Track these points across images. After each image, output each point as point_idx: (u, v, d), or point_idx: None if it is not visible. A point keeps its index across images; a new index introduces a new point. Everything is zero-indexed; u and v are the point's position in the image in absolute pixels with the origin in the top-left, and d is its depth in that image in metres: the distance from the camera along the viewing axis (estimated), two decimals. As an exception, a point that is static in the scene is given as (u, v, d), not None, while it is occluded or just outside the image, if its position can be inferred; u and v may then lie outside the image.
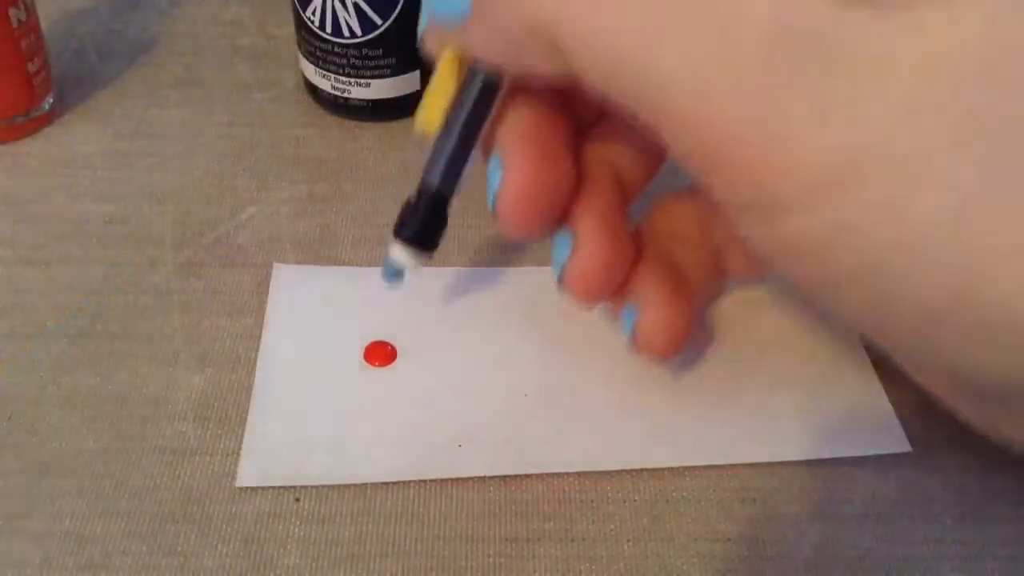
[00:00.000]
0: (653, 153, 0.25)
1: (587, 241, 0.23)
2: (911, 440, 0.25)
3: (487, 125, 0.23)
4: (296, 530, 0.23)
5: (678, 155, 0.19)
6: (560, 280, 0.24)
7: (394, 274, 0.25)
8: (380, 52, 0.34)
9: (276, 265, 0.30)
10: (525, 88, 0.23)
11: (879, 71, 0.16)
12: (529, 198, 0.22)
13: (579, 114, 0.25)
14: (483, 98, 0.22)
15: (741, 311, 0.29)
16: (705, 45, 0.17)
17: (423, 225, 0.24)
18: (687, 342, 0.25)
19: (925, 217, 0.16)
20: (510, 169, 0.22)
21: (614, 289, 0.24)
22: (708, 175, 0.18)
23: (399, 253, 0.24)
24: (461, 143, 0.23)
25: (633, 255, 0.24)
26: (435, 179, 0.23)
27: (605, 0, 0.18)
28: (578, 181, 0.24)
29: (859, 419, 0.26)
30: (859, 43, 0.16)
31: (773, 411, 0.26)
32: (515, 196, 0.22)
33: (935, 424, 0.25)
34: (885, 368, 0.27)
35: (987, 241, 0.16)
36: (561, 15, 0.18)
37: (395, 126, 0.36)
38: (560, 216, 0.24)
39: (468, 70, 0.23)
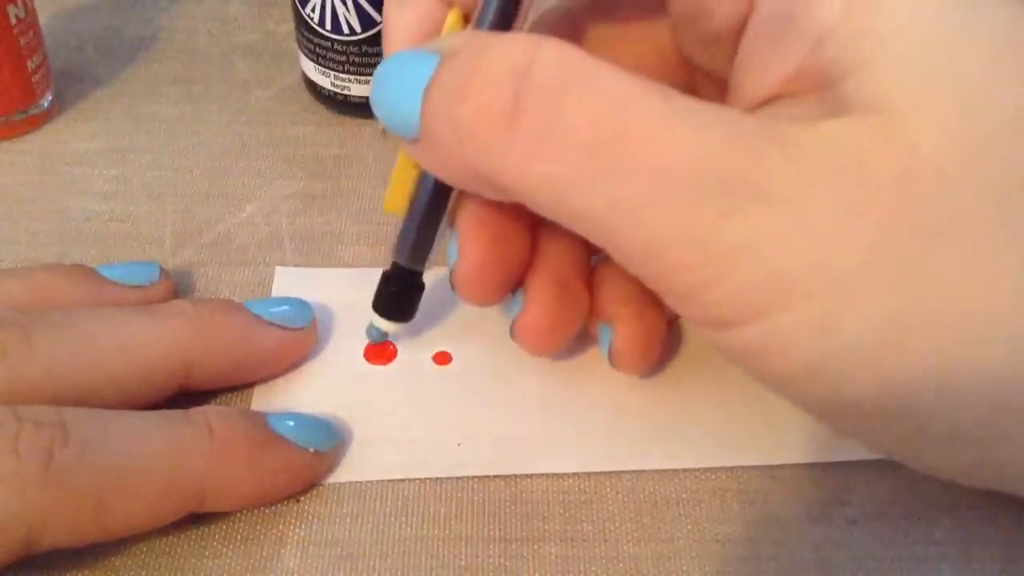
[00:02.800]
0: None
1: (534, 301, 0.25)
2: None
3: (451, 203, 0.24)
4: (296, 530, 0.23)
5: (630, 271, 0.20)
6: (511, 334, 0.26)
7: (378, 336, 0.27)
8: (380, 49, 0.34)
9: (278, 269, 0.30)
10: None
11: (794, 206, 0.18)
12: (481, 277, 0.24)
13: None
14: (442, 188, 0.24)
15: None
16: (638, 191, 0.18)
17: (397, 299, 0.26)
18: (659, 354, 0.26)
19: (849, 332, 0.18)
20: (464, 254, 0.24)
21: (561, 341, 0.26)
22: (658, 293, 0.20)
23: (379, 323, 0.26)
24: (426, 224, 0.24)
25: (584, 308, 0.26)
26: (403, 258, 0.25)
27: (541, 152, 0.19)
28: (535, 247, 0.25)
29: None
30: (776, 182, 0.18)
31: (773, 414, 0.26)
32: (468, 276, 0.24)
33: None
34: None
35: (908, 355, 0.18)
36: (502, 165, 0.20)
37: (395, 124, 0.36)
38: (516, 282, 0.25)
39: None
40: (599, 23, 0.26)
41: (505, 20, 0.22)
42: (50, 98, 0.35)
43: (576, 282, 0.25)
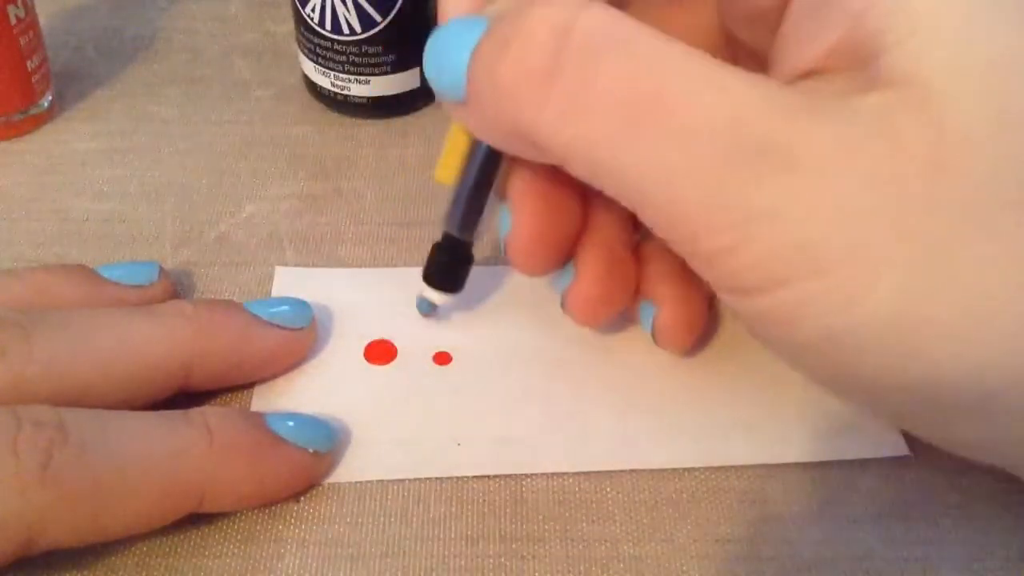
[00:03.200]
0: None
1: (586, 273, 0.25)
2: (912, 440, 0.25)
3: (499, 176, 0.25)
4: (296, 530, 0.23)
5: (657, 233, 0.21)
6: (562, 305, 0.26)
7: (427, 308, 0.28)
8: (380, 49, 0.34)
9: (278, 269, 0.30)
10: None
11: (824, 175, 0.18)
12: (534, 245, 0.25)
13: None
14: (491, 156, 0.24)
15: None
16: (670, 152, 0.19)
17: (446, 270, 0.27)
18: (702, 333, 0.27)
19: (871, 305, 0.18)
20: (517, 220, 0.24)
21: (612, 312, 0.26)
22: (684, 256, 0.20)
23: (429, 294, 0.27)
24: (475, 195, 0.25)
25: (634, 282, 0.26)
26: (454, 229, 0.26)
27: (577, 112, 0.19)
28: (586, 218, 0.25)
29: (858, 423, 0.26)
30: (806, 150, 0.18)
31: (773, 414, 0.26)
32: (522, 244, 0.25)
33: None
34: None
35: (928, 329, 0.18)
36: (538, 122, 0.20)
37: (395, 123, 0.36)
38: (568, 253, 0.26)
39: None
40: None
41: None
42: (50, 98, 0.35)
43: (626, 254, 0.26)
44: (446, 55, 0.22)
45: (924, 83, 0.18)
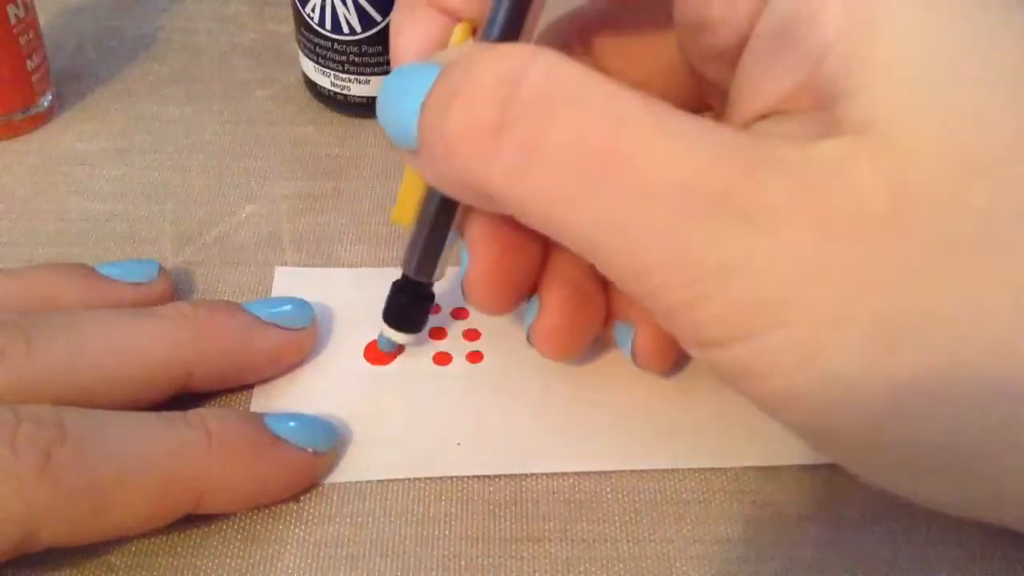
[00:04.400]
0: None
1: (549, 306, 0.25)
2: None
3: (458, 215, 0.24)
4: (296, 530, 0.23)
5: (617, 286, 0.20)
6: (528, 340, 0.26)
7: (390, 347, 0.27)
8: (380, 48, 0.34)
9: (278, 269, 0.30)
10: None
11: (781, 229, 0.18)
12: (492, 287, 0.24)
13: None
14: (448, 201, 0.24)
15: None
16: (624, 209, 0.18)
17: (407, 310, 0.26)
18: (681, 351, 0.25)
19: (833, 361, 0.18)
20: (473, 263, 0.24)
21: (580, 343, 0.26)
22: (645, 308, 0.20)
23: (390, 334, 0.26)
24: (433, 235, 0.24)
25: (601, 311, 0.26)
26: (412, 270, 0.25)
27: (528, 168, 0.19)
28: (546, 252, 0.25)
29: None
30: (763, 203, 0.18)
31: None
32: (479, 285, 0.24)
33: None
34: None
35: (890, 387, 0.18)
36: (488, 177, 0.19)
37: (395, 124, 0.36)
38: (529, 290, 0.25)
39: None
40: (609, 33, 0.26)
41: (511, 32, 0.21)
42: (50, 98, 0.35)
43: (591, 284, 0.25)
44: (397, 104, 0.21)
45: (883, 131, 0.17)
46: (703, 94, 0.26)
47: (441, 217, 0.24)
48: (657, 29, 0.25)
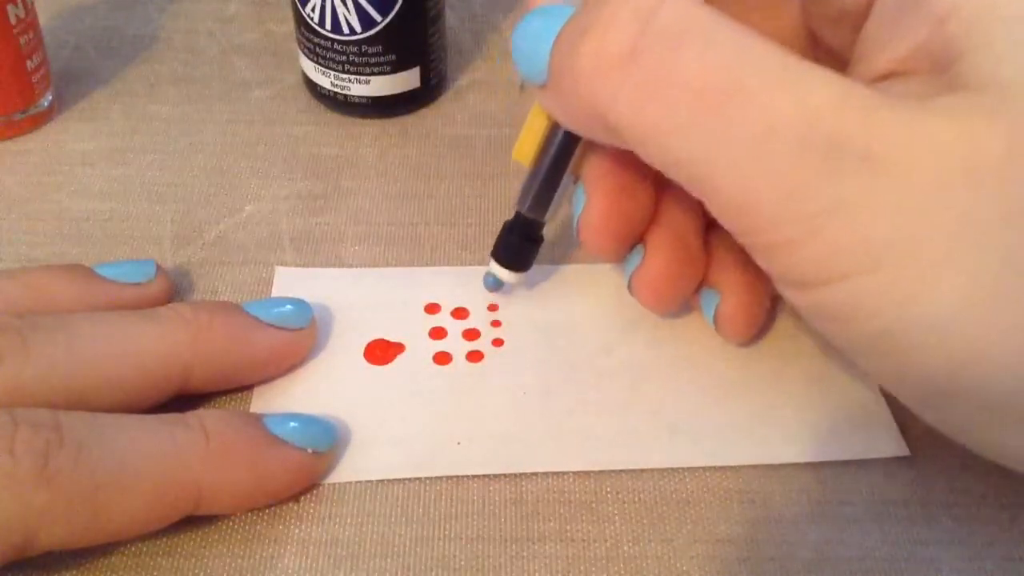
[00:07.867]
0: None
1: (655, 254, 0.26)
2: (911, 440, 0.25)
3: (575, 158, 0.25)
4: (296, 530, 0.23)
5: (722, 223, 0.21)
6: (628, 287, 0.27)
7: (494, 284, 0.28)
8: (380, 49, 0.34)
9: (278, 269, 0.30)
10: None
11: (897, 172, 0.18)
12: (606, 225, 0.25)
13: None
14: (569, 139, 0.25)
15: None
16: (743, 145, 0.19)
17: (515, 249, 0.27)
18: (763, 324, 0.27)
19: (929, 305, 0.18)
20: (590, 201, 0.25)
21: (678, 295, 0.26)
22: (747, 247, 0.21)
23: (497, 271, 0.27)
24: (550, 177, 0.26)
25: (702, 268, 0.26)
26: (526, 207, 0.26)
27: (652, 98, 0.20)
28: (657, 205, 0.26)
29: (858, 423, 0.26)
30: (882, 146, 0.18)
31: (773, 413, 0.26)
32: (594, 223, 0.25)
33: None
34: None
35: (986, 334, 0.18)
36: (615, 109, 0.20)
37: (395, 123, 0.36)
38: (638, 237, 0.26)
39: None
40: None
41: None
42: (50, 98, 0.35)
43: (695, 241, 0.26)
44: (532, 40, 0.22)
45: (1001, 89, 0.18)
46: (819, 61, 0.26)
47: (561, 156, 0.25)
48: None
